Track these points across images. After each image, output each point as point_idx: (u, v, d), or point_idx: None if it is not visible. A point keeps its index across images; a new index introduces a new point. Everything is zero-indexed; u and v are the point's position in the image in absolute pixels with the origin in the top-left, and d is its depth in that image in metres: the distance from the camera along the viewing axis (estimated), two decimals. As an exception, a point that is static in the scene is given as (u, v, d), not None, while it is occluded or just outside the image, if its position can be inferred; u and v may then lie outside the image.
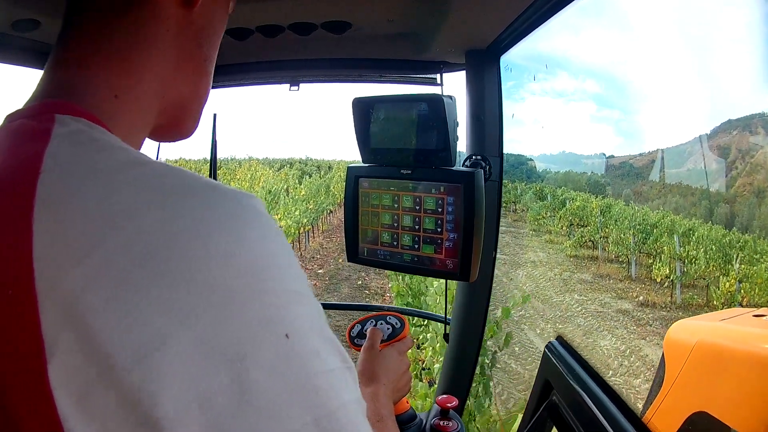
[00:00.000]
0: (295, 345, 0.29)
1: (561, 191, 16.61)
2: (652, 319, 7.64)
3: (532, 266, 10.34)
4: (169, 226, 0.28)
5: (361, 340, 0.80)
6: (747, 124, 11.22)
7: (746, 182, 11.03)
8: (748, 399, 1.30)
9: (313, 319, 0.31)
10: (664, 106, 16.81)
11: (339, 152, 60.93)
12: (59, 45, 0.39)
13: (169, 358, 0.25)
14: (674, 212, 12.58)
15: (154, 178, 0.30)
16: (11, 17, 0.79)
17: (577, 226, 13.02)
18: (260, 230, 0.31)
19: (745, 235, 9.76)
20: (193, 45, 0.43)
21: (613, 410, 0.71)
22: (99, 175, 0.29)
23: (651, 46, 18.76)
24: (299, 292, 0.31)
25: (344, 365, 0.32)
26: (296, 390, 0.28)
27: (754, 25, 11.46)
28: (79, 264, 0.26)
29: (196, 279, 0.27)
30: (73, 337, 0.25)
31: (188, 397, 0.25)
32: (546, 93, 21.64)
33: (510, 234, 13.78)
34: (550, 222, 14.37)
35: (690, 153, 13.08)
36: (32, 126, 0.32)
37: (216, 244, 0.28)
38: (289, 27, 0.89)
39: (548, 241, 12.97)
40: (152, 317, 0.26)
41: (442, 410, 0.88)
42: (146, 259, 0.26)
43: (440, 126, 0.78)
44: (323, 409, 0.29)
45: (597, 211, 12.63)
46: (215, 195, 0.30)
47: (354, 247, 0.92)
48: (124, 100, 0.38)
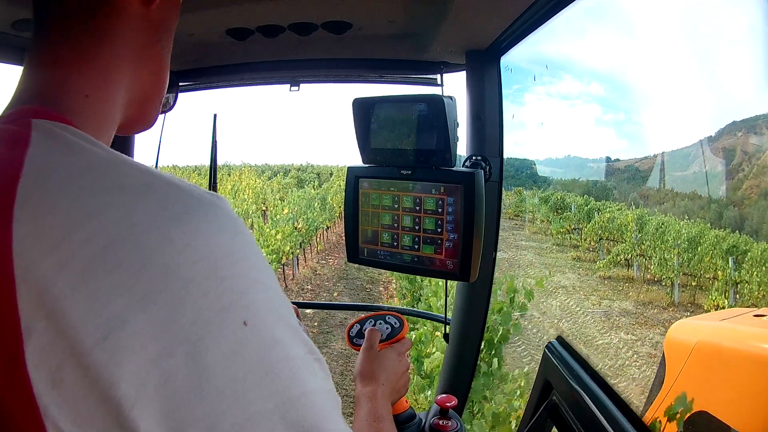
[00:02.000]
0: (253, 331, 0.30)
1: (583, 199, 14.97)
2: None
3: (565, 294, 8.71)
4: (127, 220, 0.30)
5: (360, 339, 0.80)
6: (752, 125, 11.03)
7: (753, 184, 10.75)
8: (748, 399, 1.30)
9: (273, 307, 0.33)
10: (671, 108, 16.66)
11: (342, 157, 60.42)
12: (33, 47, 0.41)
13: (126, 338, 0.27)
14: (681, 216, 11.57)
15: (119, 179, 0.32)
16: (11, 17, 0.79)
17: (606, 241, 11.56)
18: (218, 223, 0.33)
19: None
20: (152, 40, 0.45)
21: (613, 410, 0.71)
22: (71, 178, 0.32)
23: (655, 48, 18.73)
24: (259, 280, 0.33)
25: (310, 355, 0.33)
26: (256, 375, 0.30)
27: (758, 26, 11.38)
28: (50, 255, 0.29)
29: (152, 264, 0.29)
30: (45, 320, 0.28)
31: (146, 377, 0.27)
32: (550, 96, 21.61)
33: (532, 251, 12.22)
34: (576, 236, 12.88)
35: (695, 155, 12.81)
36: (12, 131, 0.34)
37: (172, 234, 0.30)
38: (289, 27, 0.89)
39: (575, 259, 11.38)
40: (112, 300, 0.28)
41: (441, 410, 0.88)
42: (106, 250, 0.29)
43: (440, 126, 0.78)
44: (284, 395, 0.30)
45: (632, 225, 10.93)
46: (173, 192, 0.33)
47: (354, 247, 0.92)
48: (94, 99, 0.40)
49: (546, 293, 8.39)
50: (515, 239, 13.65)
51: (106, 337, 0.27)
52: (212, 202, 0.33)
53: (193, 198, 0.33)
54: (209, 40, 0.95)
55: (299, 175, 27.58)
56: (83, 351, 0.27)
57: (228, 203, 0.35)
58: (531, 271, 10.13)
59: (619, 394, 0.75)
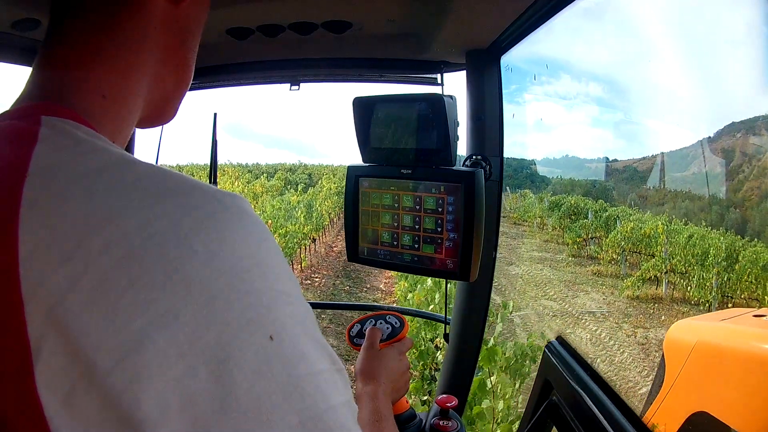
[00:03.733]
0: (279, 347, 0.29)
1: (599, 204, 13.42)
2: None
3: (593, 321, 7.42)
4: (148, 228, 0.28)
5: (361, 339, 0.80)
6: (751, 126, 10.78)
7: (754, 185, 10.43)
8: (748, 399, 1.30)
9: (299, 321, 0.31)
10: (670, 108, 16.51)
11: (339, 156, 59.71)
12: (46, 45, 0.39)
13: (148, 358, 0.25)
14: (683, 217, 10.78)
15: (135, 181, 0.30)
16: (11, 17, 0.79)
17: (629, 253, 10.19)
18: (243, 230, 0.30)
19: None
20: (177, 41, 0.43)
21: (613, 410, 0.71)
22: (82, 178, 0.29)
23: (655, 47, 18.68)
24: (285, 292, 0.31)
25: (333, 367, 0.32)
26: (281, 392, 0.28)
27: (756, 26, 11.25)
28: (61, 266, 0.26)
29: (174, 279, 0.27)
30: (56, 338, 0.25)
31: (169, 398, 0.25)
32: (548, 96, 21.55)
33: (548, 265, 10.75)
34: (594, 247, 11.41)
35: (695, 156, 12.51)
36: (20, 127, 0.32)
37: (196, 244, 0.28)
38: (289, 26, 0.89)
39: (596, 275, 9.93)
40: (131, 318, 0.26)
41: (441, 410, 0.88)
42: (125, 261, 0.27)
43: (440, 126, 0.78)
44: (310, 412, 0.28)
45: (663, 237, 9.36)
46: (196, 196, 0.30)
47: (354, 246, 0.92)
48: (112, 100, 0.38)
49: (573, 320, 7.36)
50: (526, 249, 12.45)
51: (125, 358, 0.25)
52: (237, 206, 0.31)
53: (216, 202, 0.30)
54: (209, 39, 0.95)
55: (287, 176, 24.56)
56: (100, 373, 0.25)
57: (250, 205, 0.33)
58: (550, 291, 8.72)
59: (619, 394, 0.75)
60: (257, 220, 0.32)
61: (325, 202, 13.65)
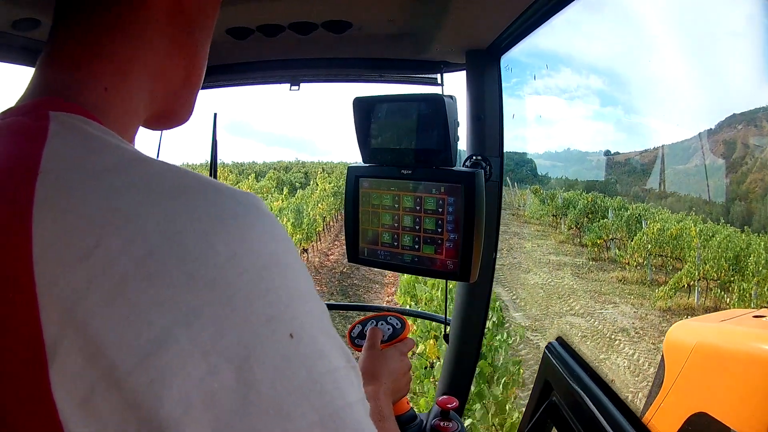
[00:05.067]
0: (299, 344, 0.29)
1: (616, 201, 12.40)
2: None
3: (628, 341, 6.53)
4: (168, 226, 0.27)
5: (362, 340, 0.80)
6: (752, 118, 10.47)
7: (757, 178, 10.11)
8: (748, 399, 1.30)
9: (317, 319, 0.31)
10: (673, 101, 16.25)
11: (338, 153, 58.97)
12: (49, 43, 0.39)
13: (170, 357, 0.25)
14: (689, 210, 10.11)
15: (152, 178, 0.30)
16: (11, 17, 0.78)
17: (656, 257, 9.29)
18: (262, 229, 0.30)
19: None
20: (183, 34, 0.42)
21: (613, 410, 0.71)
22: (97, 175, 0.29)
23: (655, 40, 18.59)
24: (303, 290, 0.31)
25: (348, 365, 0.32)
26: (301, 390, 0.28)
27: (757, 18, 11.05)
28: (78, 265, 0.26)
29: (196, 277, 0.27)
30: (73, 339, 0.25)
31: (192, 397, 0.25)
32: (549, 89, 21.54)
33: (568, 271, 9.63)
34: (619, 251, 10.43)
35: (694, 149, 12.10)
36: (28, 124, 0.32)
37: (217, 243, 0.28)
38: (289, 26, 0.89)
39: (622, 282, 8.99)
40: (153, 317, 0.25)
41: (442, 411, 0.88)
42: (146, 260, 0.26)
43: (440, 126, 0.78)
44: (328, 409, 0.28)
45: (696, 240, 8.48)
46: (215, 194, 0.30)
47: (354, 247, 0.92)
48: (114, 92, 0.37)
49: (605, 342, 6.39)
50: (542, 252, 11.47)
51: (147, 358, 0.25)
52: (253, 205, 0.31)
53: (235, 200, 0.30)
54: (209, 39, 0.95)
55: (280, 175, 21.37)
56: (121, 373, 0.25)
57: (265, 204, 0.33)
58: (575, 304, 7.78)
59: (619, 394, 0.74)
60: (274, 219, 0.32)
61: (318, 204, 12.42)
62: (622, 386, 5.42)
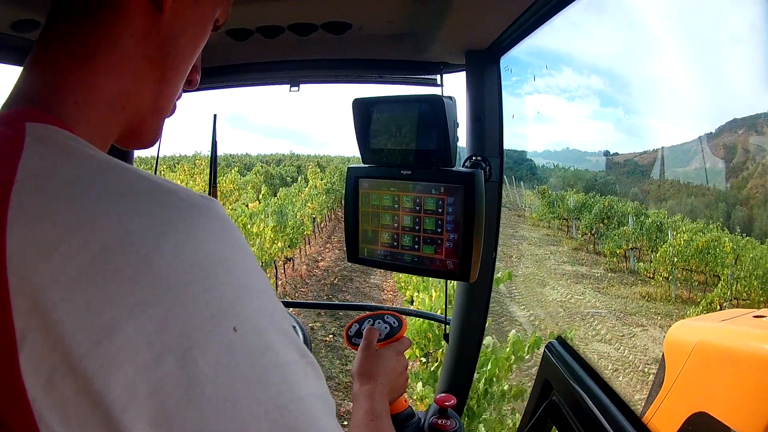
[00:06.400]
0: (245, 338, 0.30)
1: (633, 206, 11.45)
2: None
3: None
4: (121, 226, 0.30)
5: (359, 339, 0.80)
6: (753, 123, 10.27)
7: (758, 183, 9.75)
8: (748, 399, 1.30)
9: (267, 314, 0.33)
10: (673, 104, 16.08)
11: (336, 146, 57.98)
12: (36, 47, 0.40)
13: (118, 345, 0.28)
14: (690, 214, 9.70)
15: (115, 183, 0.32)
16: (11, 17, 0.79)
17: (682, 270, 8.40)
18: (211, 229, 0.32)
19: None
20: (158, 54, 0.41)
21: (613, 410, 0.71)
22: (67, 183, 0.31)
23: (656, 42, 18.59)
24: (251, 287, 0.33)
25: (303, 360, 0.33)
26: (245, 382, 0.30)
27: (759, 23, 10.95)
28: (44, 262, 0.29)
29: (145, 273, 0.29)
30: (39, 327, 0.28)
31: (137, 384, 0.27)
32: (549, 88, 21.55)
33: (589, 285, 8.68)
34: (644, 264, 9.41)
35: (695, 151, 11.88)
36: (6, 135, 0.34)
37: (166, 242, 0.30)
38: (289, 28, 0.89)
39: (647, 299, 8.13)
40: (104, 308, 0.28)
41: (440, 409, 0.88)
42: (101, 257, 0.29)
43: (440, 126, 0.78)
44: (275, 401, 0.30)
45: (731, 256, 7.70)
46: (169, 198, 0.32)
47: (354, 247, 0.92)
48: (82, 106, 0.38)
49: (638, 376, 5.64)
50: (556, 261, 10.58)
51: (98, 345, 0.27)
52: (205, 206, 0.33)
53: (185, 203, 0.32)
54: (209, 40, 0.95)
55: (269, 169, 18.74)
56: (76, 357, 0.27)
57: (221, 207, 0.35)
58: (600, 326, 6.75)
59: (619, 393, 0.74)
60: (225, 220, 0.34)
61: (308, 204, 11.01)
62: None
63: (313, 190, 12.79)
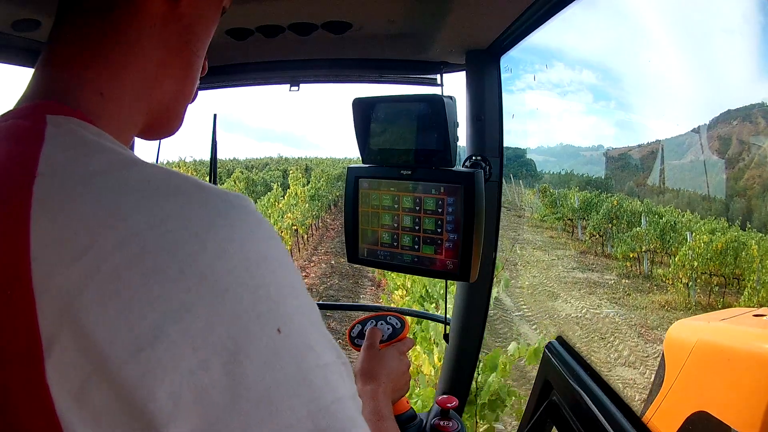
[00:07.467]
0: (288, 339, 0.29)
1: (642, 204, 10.80)
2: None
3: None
4: (160, 225, 0.28)
5: (361, 340, 0.80)
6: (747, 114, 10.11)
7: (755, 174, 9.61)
8: (748, 399, 1.30)
9: (307, 314, 0.32)
10: (668, 96, 15.96)
11: (328, 148, 56.98)
12: (48, 45, 0.39)
13: (161, 352, 0.26)
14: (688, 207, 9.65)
15: (145, 180, 0.31)
16: (11, 17, 0.79)
17: (701, 274, 7.78)
18: (250, 227, 0.31)
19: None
20: (179, 42, 0.42)
21: (613, 410, 0.71)
22: (92, 177, 0.30)
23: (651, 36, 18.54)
24: (293, 286, 0.32)
25: (339, 360, 0.32)
26: (290, 384, 0.29)
27: (752, 15, 10.90)
28: (74, 264, 0.27)
29: (187, 275, 0.28)
30: (69, 334, 0.26)
31: (183, 391, 0.26)
32: (542, 85, 21.48)
33: (600, 292, 8.06)
34: (662, 270, 8.63)
35: (691, 144, 11.68)
36: (25, 127, 0.32)
37: (207, 241, 0.29)
38: (289, 27, 0.89)
39: (667, 309, 7.51)
40: (145, 313, 0.26)
41: (442, 410, 0.88)
42: (138, 258, 0.27)
43: (440, 126, 0.78)
44: (317, 403, 0.29)
45: (758, 262, 7.11)
46: (203, 194, 0.31)
47: (354, 247, 0.92)
48: (109, 98, 0.38)
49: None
50: (564, 267, 9.80)
51: (139, 352, 0.26)
52: (242, 206, 0.32)
53: (223, 201, 0.31)
54: (209, 40, 0.95)
55: (250, 175, 17.08)
56: (113, 366, 0.25)
57: (254, 205, 0.34)
58: (620, 344, 6.09)
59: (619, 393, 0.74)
60: (262, 218, 0.33)
61: (287, 214, 10.08)
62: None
63: (292, 198, 11.24)
